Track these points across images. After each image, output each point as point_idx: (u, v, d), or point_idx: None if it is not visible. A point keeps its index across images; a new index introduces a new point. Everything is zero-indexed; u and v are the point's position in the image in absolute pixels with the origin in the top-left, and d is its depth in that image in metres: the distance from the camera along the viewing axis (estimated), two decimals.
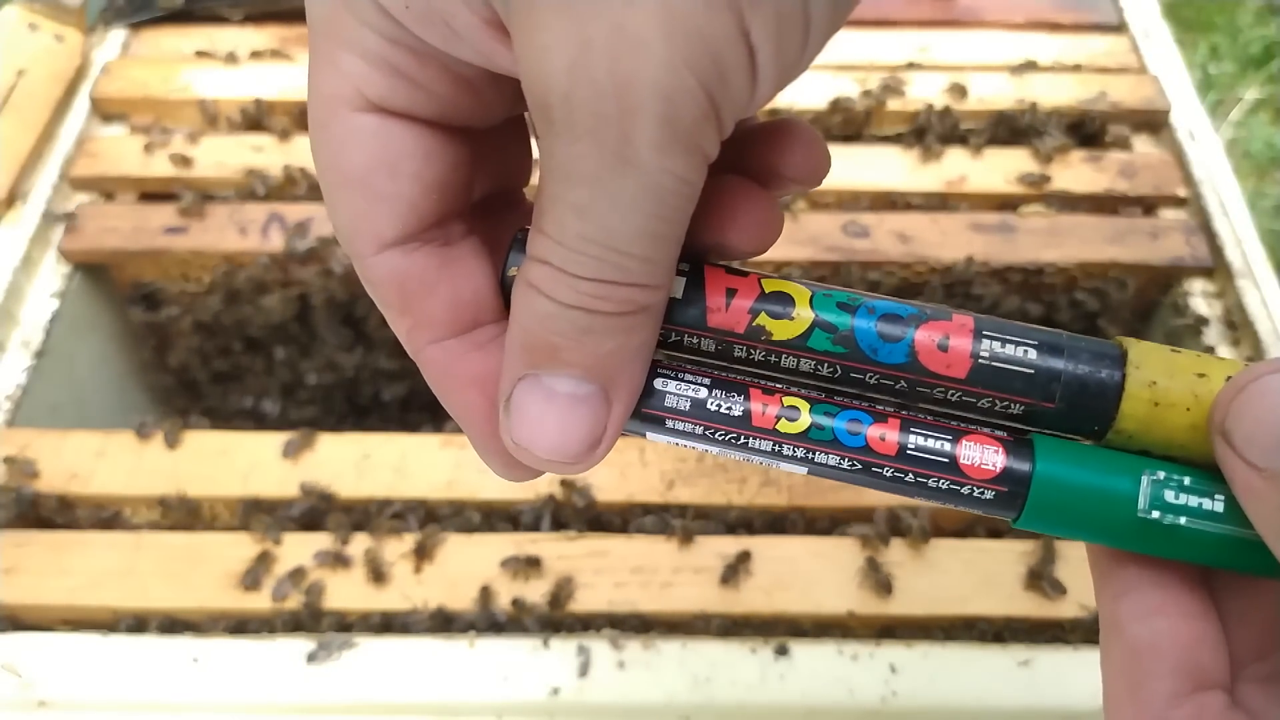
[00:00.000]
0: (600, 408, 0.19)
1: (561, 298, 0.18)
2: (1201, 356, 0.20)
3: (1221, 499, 0.19)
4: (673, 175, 0.17)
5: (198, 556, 0.52)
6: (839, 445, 0.20)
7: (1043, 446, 0.20)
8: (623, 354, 0.19)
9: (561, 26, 0.16)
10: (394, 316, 0.21)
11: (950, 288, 0.65)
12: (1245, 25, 1.52)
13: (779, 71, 0.17)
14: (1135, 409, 0.20)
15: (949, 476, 0.20)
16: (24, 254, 0.64)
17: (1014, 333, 0.20)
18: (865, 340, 0.20)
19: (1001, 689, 0.47)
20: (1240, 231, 0.65)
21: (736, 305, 0.20)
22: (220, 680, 0.48)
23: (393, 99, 0.19)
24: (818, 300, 0.20)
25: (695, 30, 0.16)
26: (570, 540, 0.52)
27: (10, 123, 0.68)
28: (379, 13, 0.18)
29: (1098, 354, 0.20)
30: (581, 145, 0.16)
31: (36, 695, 0.47)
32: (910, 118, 0.71)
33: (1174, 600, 0.20)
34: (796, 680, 0.48)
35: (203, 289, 0.67)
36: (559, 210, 0.17)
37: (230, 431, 0.58)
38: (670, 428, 0.21)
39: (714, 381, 0.20)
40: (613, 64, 0.16)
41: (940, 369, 0.20)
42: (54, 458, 0.55)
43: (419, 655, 0.48)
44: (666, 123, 0.16)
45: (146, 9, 0.76)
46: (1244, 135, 1.40)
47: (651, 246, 0.18)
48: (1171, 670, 0.20)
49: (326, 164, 0.20)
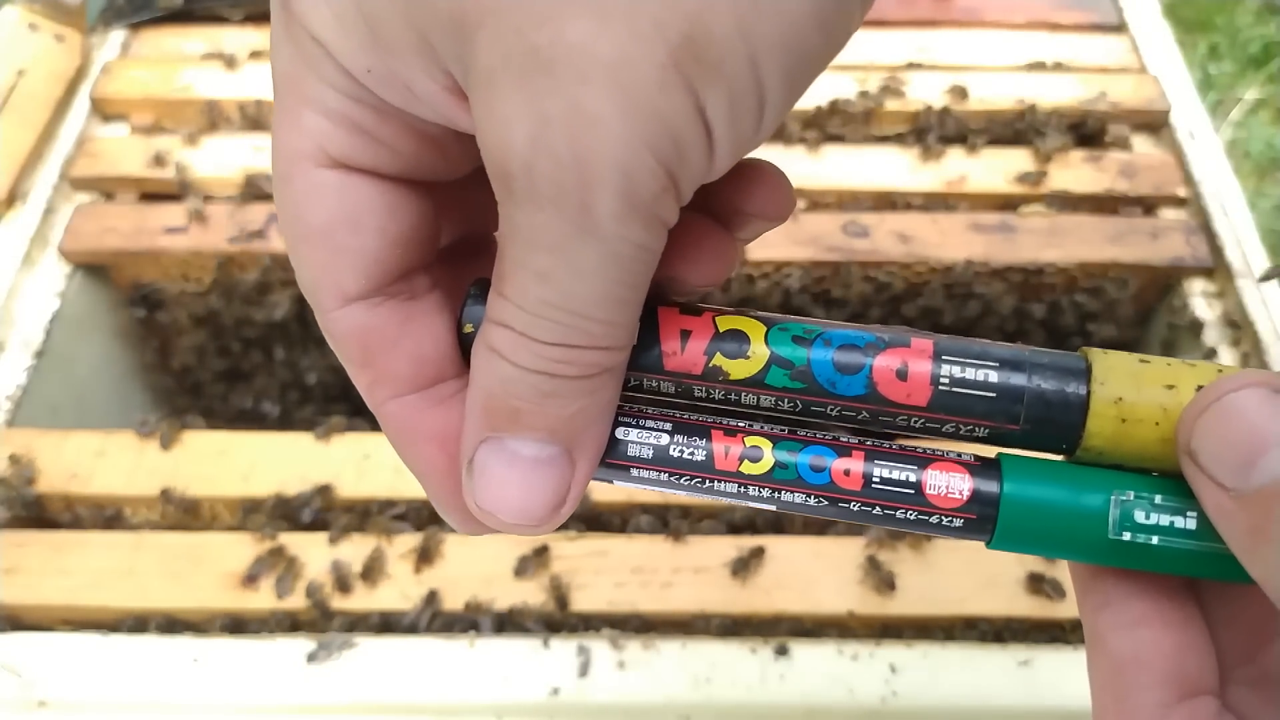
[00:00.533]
0: (564, 469, 0.19)
1: (523, 362, 0.18)
2: (1171, 365, 0.19)
3: (1194, 515, 0.19)
4: (633, 244, 0.17)
5: (198, 556, 0.52)
6: (803, 483, 0.20)
7: (1010, 468, 0.20)
8: (586, 415, 0.19)
9: (521, 100, 0.16)
10: (355, 370, 0.21)
11: (950, 288, 0.65)
12: (1245, 25, 1.52)
13: (735, 146, 0.17)
14: (1102, 427, 0.19)
15: (916, 507, 0.20)
16: (24, 254, 0.64)
17: (975, 355, 0.20)
18: (823, 374, 0.20)
19: (1001, 689, 0.47)
20: (1240, 231, 0.65)
21: (692, 347, 0.20)
22: (220, 680, 0.48)
23: (356, 155, 0.19)
24: (773, 336, 0.20)
25: (651, 110, 0.16)
26: (570, 540, 0.52)
27: (10, 123, 0.68)
28: (341, 72, 0.18)
29: (1061, 372, 0.20)
30: (543, 215, 0.17)
31: (36, 695, 0.47)
32: (910, 118, 0.71)
33: (1156, 610, 0.20)
34: (796, 680, 0.48)
35: (203, 289, 0.67)
36: (520, 276, 0.17)
37: (230, 431, 0.58)
38: (635, 475, 0.21)
39: (675, 426, 0.20)
40: (572, 140, 0.16)
41: (901, 398, 0.20)
42: (54, 458, 0.55)
43: (419, 655, 0.48)
44: (626, 196, 0.16)
45: (146, 9, 0.76)
46: (1244, 135, 1.40)
47: (614, 310, 0.18)
48: (1156, 681, 0.19)
49: (290, 218, 0.20)
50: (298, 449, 0.56)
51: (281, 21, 0.19)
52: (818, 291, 0.65)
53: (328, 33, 0.18)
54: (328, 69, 0.18)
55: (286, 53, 0.19)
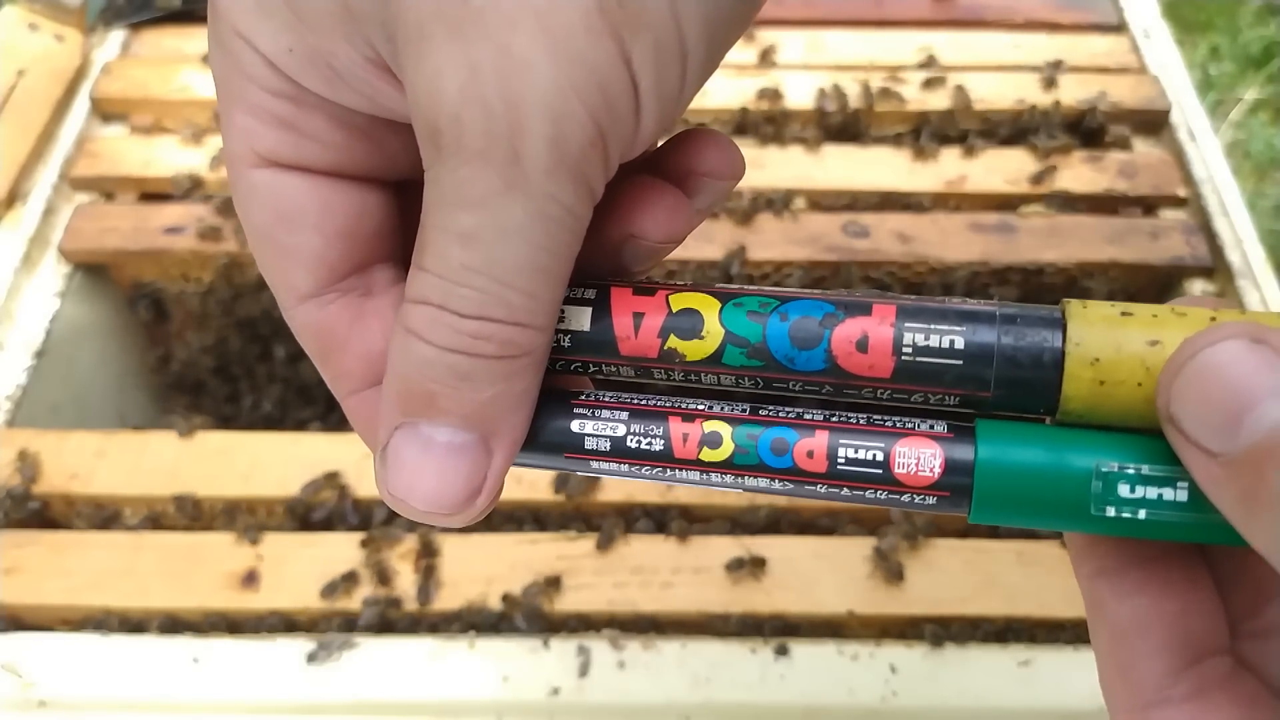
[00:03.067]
0: (480, 457, 0.18)
1: (440, 340, 0.17)
2: (1158, 316, 0.18)
3: (1185, 486, 0.17)
4: (559, 204, 0.17)
5: (198, 556, 0.52)
6: (766, 468, 0.19)
7: (986, 434, 0.18)
8: (503, 401, 0.18)
9: (451, 50, 0.16)
10: (318, 365, 0.21)
11: (950, 288, 0.65)
12: (1245, 25, 1.52)
13: (661, 103, 0.17)
14: (1079, 390, 0.18)
15: (885, 487, 0.19)
16: (24, 254, 0.64)
17: (939, 316, 0.18)
18: (780, 350, 0.19)
19: (1001, 689, 0.47)
20: (1240, 231, 0.65)
21: (645, 329, 0.19)
22: (220, 680, 0.48)
23: (283, 152, 0.19)
24: (727, 312, 0.19)
25: (579, 55, 0.16)
26: (570, 540, 0.52)
27: (10, 123, 0.68)
28: (263, 65, 0.18)
29: (1034, 328, 0.18)
30: (470, 168, 0.16)
31: (36, 695, 0.47)
32: (910, 118, 0.71)
33: (1157, 573, 0.19)
34: (796, 680, 0.48)
35: (203, 289, 0.67)
36: (442, 241, 0.17)
37: (230, 431, 0.58)
38: (595, 468, 0.20)
39: (632, 414, 0.20)
40: (501, 84, 0.16)
41: (863, 371, 0.19)
42: (54, 458, 0.55)
43: (419, 655, 0.48)
44: (554, 144, 0.16)
45: (146, 9, 0.76)
46: (1244, 135, 1.40)
47: (536, 280, 0.17)
48: (1160, 648, 0.18)
49: (241, 221, 0.20)
50: (298, 449, 0.56)
51: (212, 25, 0.19)
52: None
53: (247, 19, 0.18)
54: (249, 62, 0.18)
55: (217, 58, 0.19)
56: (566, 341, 0.20)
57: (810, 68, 0.73)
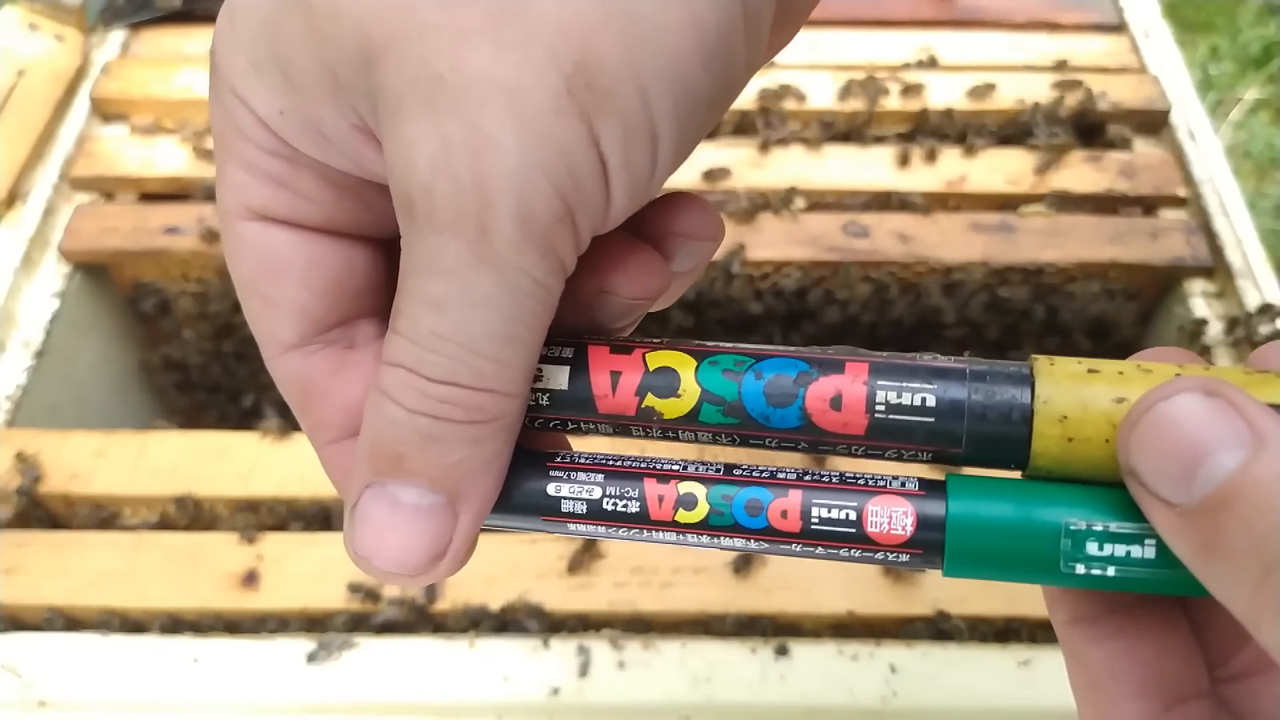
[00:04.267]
0: (445, 520, 0.18)
1: (409, 403, 0.18)
2: (1124, 373, 0.18)
3: (1153, 544, 0.18)
4: (529, 277, 0.17)
5: (198, 556, 0.52)
6: (740, 529, 0.19)
7: (957, 490, 0.19)
8: (471, 465, 0.18)
9: (424, 123, 0.16)
10: (297, 415, 0.21)
11: (949, 289, 0.65)
12: (1245, 25, 1.52)
13: (631, 184, 0.17)
14: (1048, 448, 0.18)
15: (858, 546, 0.19)
16: (24, 254, 0.64)
17: (910, 375, 0.19)
18: (755, 408, 0.19)
19: (1001, 689, 0.47)
20: (1240, 231, 0.65)
21: (623, 388, 0.20)
22: (220, 680, 0.48)
23: (274, 207, 0.19)
24: (703, 370, 0.19)
25: (546, 134, 0.16)
26: (570, 540, 0.52)
27: (10, 123, 0.68)
28: (257, 125, 0.19)
29: (1003, 387, 0.18)
30: (441, 238, 0.17)
31: (36, 695, 0.47)
32: (910, 118, 0.71)
33: (1130, 619, 0.19)
34: (796, 680, 0.48)
35: (203, 289, 0.67)
36: (415, 307, 0.17)
37: (230, 431, 0.58)
38: (574, 530, 0.20)
39: (608, 476, 0.20)
40: (470, 160, 0.16)
41: (837, 428, 0.19)
42: (54, 458, 0.55)
43: (419, 655, 0.48)
44: (522, 221, 0.17)
45: (146, 9, 0.76)
46: (1244, 135, 1.40)
47: (506, 349, 0.17)
48: (1134, 692, 0.19)
49: (230, 271, 0.20)
50: (298, 449, 0.56)
51: (211, 82, 0.19)
52: (817, 292, 0.65)
53: (244, 80, 0.18)
54: (245, 121, 0.19)
55: (215, 113, 0.19)
56: (545, 400, 0.20)
57: (810, 68, 0.73)
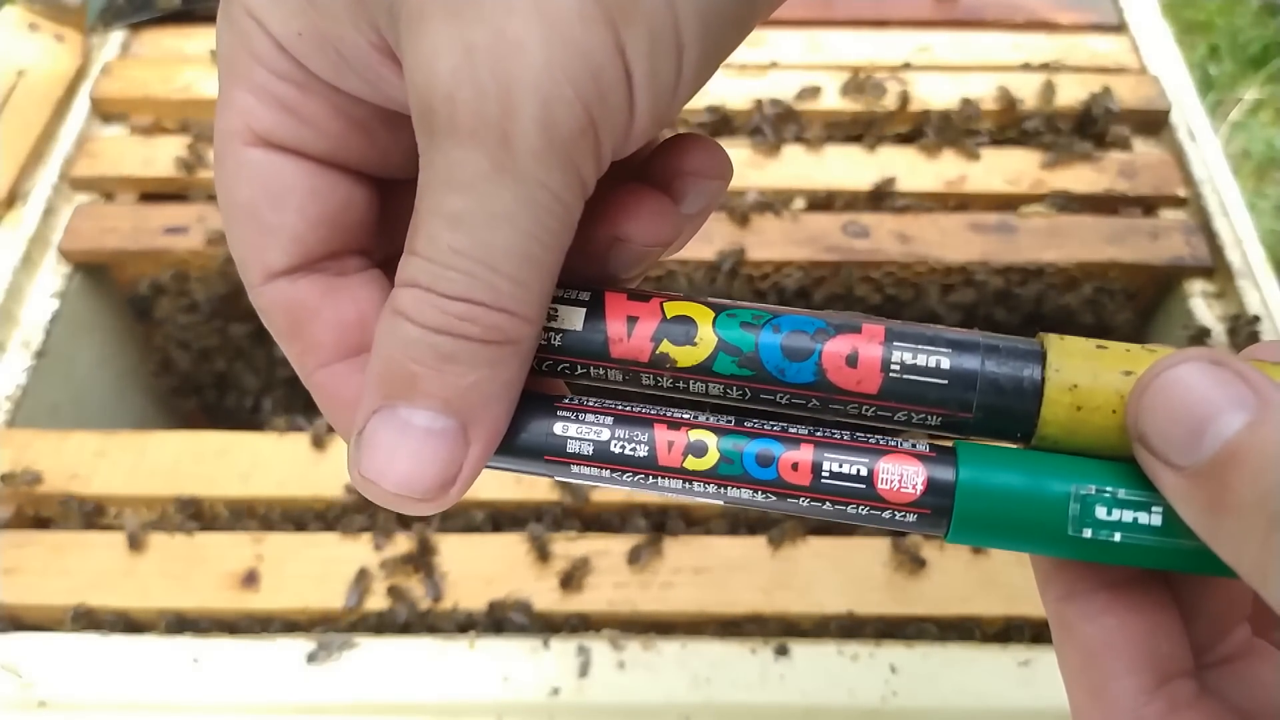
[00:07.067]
0: (457, 445, 0.18)
1: (426, 320, 0.17)
2: (1130, 350, 0.19)
3: (1159, 511, 0.18)
4: (548, 190, 0.17)
5: (198, 556, 0.52)
6: (750, 478, 0.19)
7: (967, 456, 0.19)
8: (485, 389, 0.18)
9: (447, 32, 0.16)
10: (284, 343, 0.21)
11: (949, 289, 0.65)
12: (1245, 25, 1.52)
13: (655, 96, 0.17)
14: (1057, 414, 0.19)
15: (867, 502, 0.19)
16: (24, 254, 0.64)
17: (927, 340, 0.19)
18: (771, 361, 0.19)
19: (1001, 689, 0.47)
20: (1240, 231, 0.65)
21: (639, 333, 0.20)
22: (220, 680, 0.48)
23: (280, 134, 0.19)
24: (720, 321, 0.19)
25: (572, 41, 0.16)
26: (570, 540, 0.52)
27: (10, 123, 0.68)
28: (272, 47, 0.19)
29: (1016, 357, 0.19)
30: (461, 150, 0.17)
31: (36, 695, 0.47)
32: (910, 118, 0.71)
33: (1123, 595, 0.19)
34: (796, 680, 0.48)
35: (203, 289, 0.67)
36: (433, 223, 0.17)
37: (230, 431, 0.58)
38: (576, 473, 0.20)
39: (617, 419, 0.20)
40: (495, 66, 0.16)
41: (851, 385, 0.19)
42: (54, 458, 0.55)
43: (419, 655, 0.48)
44: (545, 129, 0.16)
45: (146, 9, 0.76)
46: (1244, 135, 1.40)
47: (525, 268, 0.17)
48: (1132, 666, 0.19)
49: (221, 196, 0.20)
50: (298, 449, 0.56)
51: (223, 4, 0.19)
52: (818, 292, 0.65)
53: (260, 1, 0.18)
54: (259, 43, 0.19)
55: (225, 36, 0.19)
56: (558, 340, 0.20)
57: (810, 68, 0.73)
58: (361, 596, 0.50)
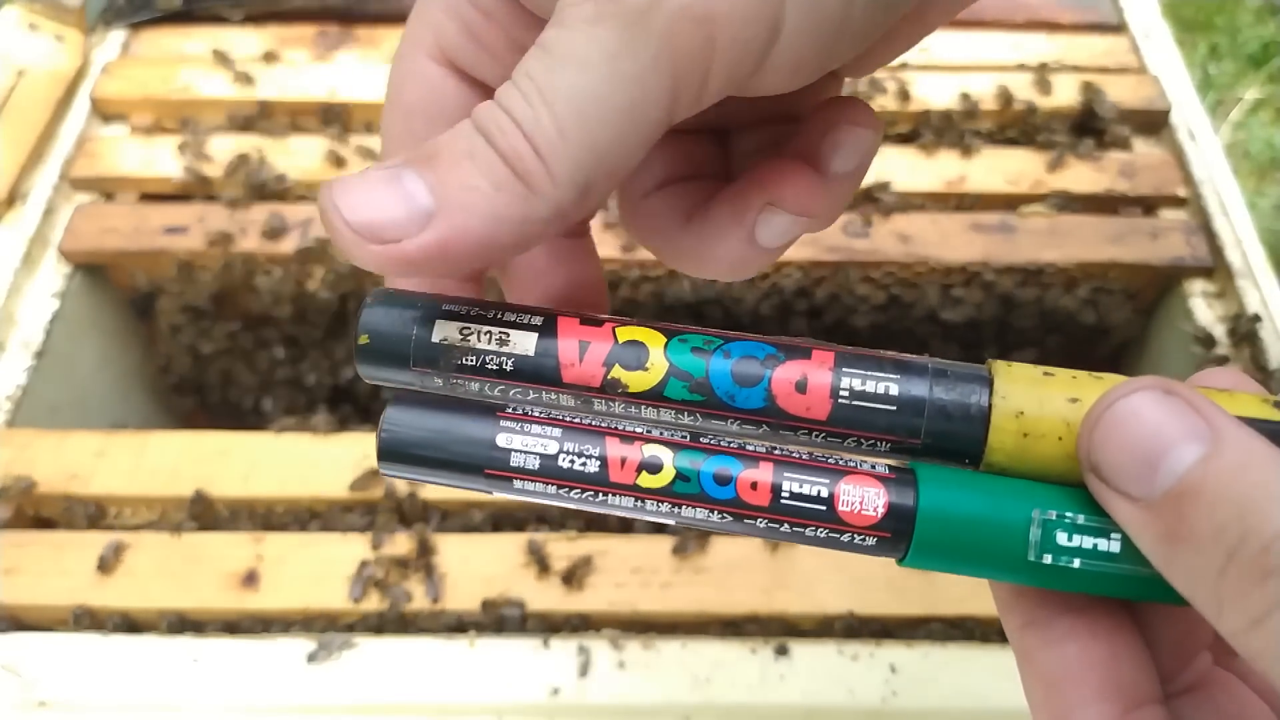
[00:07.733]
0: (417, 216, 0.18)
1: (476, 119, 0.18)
2: (1077, 378, 0.19)
3: (1118, 538, 0.18)
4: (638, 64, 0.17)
5: (198, 556, 0.52)
6: (707, 498, 0.19)
7: (927, 478, 0.19)
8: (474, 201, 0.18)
9: None
10: None
11: (949, 289, 0.65)
12: (1245, 25, 1.52)
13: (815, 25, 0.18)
14: (1004, 441, 0.19)
15: (827, 525, 0.19)
16: (24, 254, 0.64)
17: (876, 366, 0.19)
18: (721, 386, 0.19)
19: (1001, 689, 0.47)
20: (1240, 231, 0.65)
21: (590, 358, 0.19)
22: (220, 680, 0.48)
23: (461, 56, 0.21)
24: (672, 347, 0.19)
25: None
26: (570, 540, 0.52)
27: (10, 123, 0.68)
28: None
29: (964, 384, 0.19)
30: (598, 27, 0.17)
31: (36, 695, 0.47)
32: (910, 118, 0.71)
33: (1084, 621, 0.19)
34: (796, 680, 0.48)
35: (203, 289, 0.67)
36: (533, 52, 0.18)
37: (230, 431, 0.58)
38: (519, 488, 0.19)
39: (565, 431, 0.19)
40: None
41: (800, 411, 0.19)
42: (54, 458, 0.55)
43: (419, 655, 0.48)
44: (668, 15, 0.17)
45: (146, 9, 0.76)
46: (1244, 135, 1.40)
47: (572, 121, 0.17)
48: (1096, 695, 0.19)
49: (389, 92, 0.22)
50: (298, 449, 0.56)
51: None
52: (817, 292, 0.65)
53: None
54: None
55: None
56: (508, 365, 0.20)
57: None
58: (365, 588, 0.50)
